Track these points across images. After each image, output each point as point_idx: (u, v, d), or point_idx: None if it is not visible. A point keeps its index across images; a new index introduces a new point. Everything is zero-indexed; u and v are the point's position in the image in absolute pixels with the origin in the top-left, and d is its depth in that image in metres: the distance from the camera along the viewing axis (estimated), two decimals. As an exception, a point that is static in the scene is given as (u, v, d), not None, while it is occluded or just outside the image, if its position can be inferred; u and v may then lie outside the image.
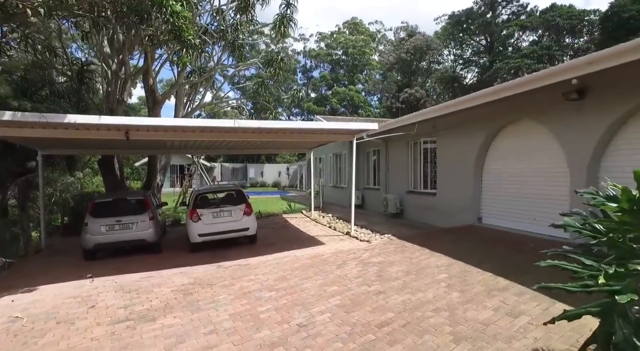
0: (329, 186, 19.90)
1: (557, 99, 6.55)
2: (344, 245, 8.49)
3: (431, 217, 10.75)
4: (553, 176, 7.11)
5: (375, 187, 15.15)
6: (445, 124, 9.99)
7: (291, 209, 15.32)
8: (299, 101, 16.11)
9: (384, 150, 13.97)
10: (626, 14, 24.04)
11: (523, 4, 37.83)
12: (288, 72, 14.42)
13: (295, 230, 11.35)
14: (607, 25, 25.20)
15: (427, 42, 36.05)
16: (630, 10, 23.81)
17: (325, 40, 55.55)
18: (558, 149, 6.90)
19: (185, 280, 6.29)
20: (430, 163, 11.21)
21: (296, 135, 9.21)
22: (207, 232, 8.81)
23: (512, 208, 8.18)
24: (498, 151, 8.63)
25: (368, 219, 12.40)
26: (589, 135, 6.20)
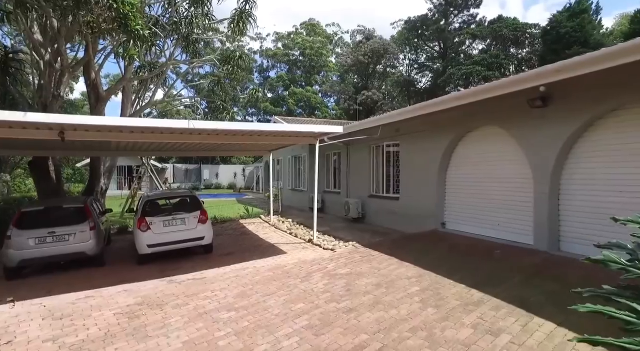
0: (287, 189, 19.41)
1: (522, 106, 6.57)
2: (307, 254, 8.07)
3: (394, 222, 10.61)
4: (517, 182, 7.15)
5: (336, 190, 14.88)
6: (408, 128, 9.89)
7: (249, 214, 14.66)
8: (256, 101, 15.46)
9: (345, 152, 13.73)
10: (562, 30, 25.73)
11: (473, 14, 39.56)
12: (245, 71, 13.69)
13: (254, 237, 10.77)
14: (547, 38, 26.86)
15: (384, 45, 36.58)
16: (566, 26, 25.52)
17: (283, 40, 54.95)
18: (522, 156, 6.94)
19: (131, 299, 5.56)
20: (393, 167, 11.10)
21: (256, 138, 8.67)
22: (158, 242, 8.03)
23: (475, 214, 8.19)
24: (462, 156, 8.63)
25: (329, 224, 12.09)
26: (552, 142, 6.25)
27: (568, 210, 6.27)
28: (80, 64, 10.06)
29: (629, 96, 5.37)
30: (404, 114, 8.64)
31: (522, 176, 6.99)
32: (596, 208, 5.90)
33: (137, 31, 6.08)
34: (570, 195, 6.23)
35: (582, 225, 6.08)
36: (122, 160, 30.38)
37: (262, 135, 8.52)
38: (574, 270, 5.38)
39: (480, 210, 8.05)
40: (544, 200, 6.39)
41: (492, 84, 6.15)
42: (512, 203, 7.26)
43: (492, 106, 7.15)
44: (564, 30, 24.85)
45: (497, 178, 7.64)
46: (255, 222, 13.46)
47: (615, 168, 5.71)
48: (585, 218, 6.04)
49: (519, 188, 7.10)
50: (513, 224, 7.23)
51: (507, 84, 5.85)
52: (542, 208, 6.42)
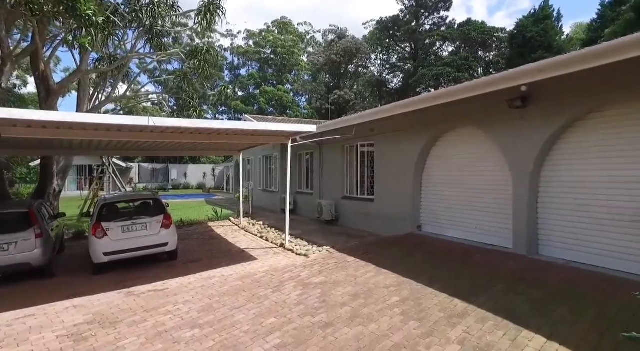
0: (258, 190, 18.84)
1: (501, 106, 6.42)
2: (279, 261, 7.64)
3: (369, 224, 10.35)
4: (495, 184, 7.01)
5: (309, 191, 14.50)
6: (384, 128, 9.64)
7: (218, 216, 14.03)
8: (226, 99, 14.80)
9: (318, 152, 13.37)
10: (529, 34, 26.51)
11: (443, 17, 40.28)
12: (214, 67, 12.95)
13: (223, 241, 10.21)
14: (514, 42, 27.64)
15: (356, 45, 36.55)
16: (531, 31, 26.31)
17: (254, 38, 54.01)
18: (500, 157, 6.80)
19: (80, 317, 4.95)
20: (368, 168, 10.83)
21: (225, 137, 8.15)
22: (115, 250, 7.37)
23: (453, 217, 8.02)
24: (438, 157, 8.45)
25: (302, 227, 11.68)
26: (531, 143, 6.13)
27: (546, 213, 6.16)
28: (26, 53, 9.14)
29: (607, 97, 5.29)
30: (380, 114, 8.36)
31: (501, 178, 6.86)
32: (574, 212, 5.81)
33: (89, 17, 5.45)
34: (549, 198, 6.13)
35: (560, 229, 5.98)
36: (82, 159, 28.71)
37: (231, 134, 8.01)
38: (555, 275, 5.24)
39: (458, 212, 7.89)
40: (523, 203, 6.26)
41: (473, 83, 5.95)
42: (490, 206, 7.13)
43: (470, 106, 6.98)
44: (529, 35, 25.61)
45: (474, 180, 7.50)
46: (225, 225, 12.86)
47: (593, 170, 5.64)
48: (563, 222, 5.94)
49: (497, 191, 6.96)
50: (491, 227, 7.10)
51: (489, 82, 5.65)
52: (521, 211, 6.29)
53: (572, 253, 5.80)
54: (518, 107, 6.16)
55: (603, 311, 4.05)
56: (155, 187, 36.75)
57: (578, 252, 5.73)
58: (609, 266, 5.32)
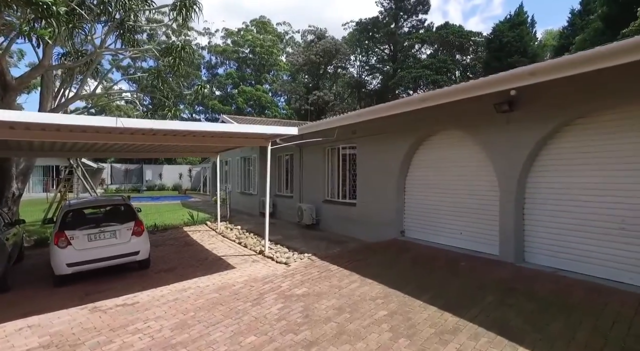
0: (236, 192, 18.33)
1: (488, 110, 6.28)
2: (259, 270, 7.27)
3: (351, 229, 10.10)
4: (481, 190, 6.87)
5: (288, 194, 14.14)
6: (366, 130, 9.42)
7: (194, 220, 13.48)
8: (203, 98, 14.19)
9: (298, 155, 13.05)
10: (505, 39, 26.99)
11: (421, 19, 40.63)
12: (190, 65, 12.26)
13: (199, 248, 9.73)
14: (491, 46, 28.09)
15: (336, 45, 36.37)
16: (507, 36, 26.81)
17: (232, 36, 53.13)
18: (487, 161, 6.67)
19: (35, 340, 4.46)
20: (350, 171, 10.59)
21: (201, 139, 7.72)
22: (80, 261, 6.82)
23: (437, 222, 7.86)
24: (423, 161, 8.28)
25: (282, 231, 11.33)
26: (518, 148, 6.01)
27: (533, 219, 6.05)
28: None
29: (596, 103, 5.21)
30: (364, 115, 8.12)
31: (487, 183, 6.73)
32: (561, 218, 5.72)
33: (47, 6, 4.95)
34: (536, 204, 6.02)
35: (547, 236, 5.88)
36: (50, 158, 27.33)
37: (207, 136, 7.59)
38: (545, 285, 5.11)
39: (442, 218, 7.73)
40: (510, 209, 6.13)
41: (462, 86, 5.77)
42: (476, 212, 6.99)
43: (455, 109, 6.82)
44: (506, 40, 26.06)
45: (460, 185, 7.35)
46: (201, 230, 12.35)
47: (579, 176, 5.56)
48: (550, 229, 5.84)
49: (483, 196, 6.83)
50: (477, 233, 6.96)
51: (479, 85, 5.47)
52: (508, 217, 6.17)
53: (559, 260, 5.70)
54: (505, 111, 6.03)
55: (597, 325, 3.90)
56: (128, 188, 35.50)
57: (565, 259, 5.64)
58: (596, 275, 5.24)
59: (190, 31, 56.67)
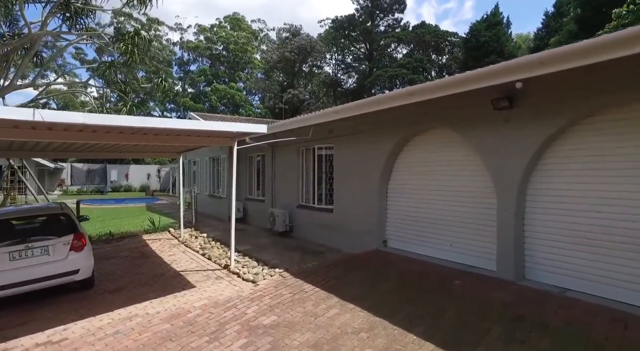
0: (204, 195, 17.13)
1: (483, 106, 5.54)
2: (222, 290, 6.28)
3: (328, 238, 9.22)
4: (475, 197, 6.13)
5: (260, 197, 13.13)
6: (345, 129, 8.56)
7: (155, 227, 12.24)
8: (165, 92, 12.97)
9: (270, 155, 12.06)
10: (482, 38, 26.93)
11: (397, 18, 40.40)
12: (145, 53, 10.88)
13: (157, 261, 8.59)
14: (468, 46, 27.99)
15: (311, 43, 35.49)
16: (485, 35, 26.75)
17: (205, 33, 51.49)
18: (481, 165, 5.93)
19: None
20: (326, 174, 9.70)
21: (157, 138, 6.65)
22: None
23: (423, 232, 7.08)
24: (407, 163, 7.49)
25: (252, 240, 10.32)
26: (518, 150, 5.28)
27: (535, 231, 5.35)
28: None
29: (606, 99, 4.53)
30: (343, 112, 7.25)
31: (482, 189, 5.99)
32: (564, 230, 5.03)
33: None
34: (538, 214, 5.32)
35: (550, 250, 5.19)
36: None
37: (162, 134, 6.52)
38: (556, 312, 4.35)
39: (429, 227, 6.97)
40: (509, 219, 5.41)
41: (459, 78, 4.97)
42: (468, 221, 6.24)
43: (445, 105, 6.07)
44: (483, 39, 25.96)
45: (449, 191, 6.59)
46: (162, 238, 11.16)
47: (586, 183, 4.88)
48: (554, 242, 5.15)
49: (477, 203, 6.09)
50: (470, 246, 6.21)
51: (479, 77, 4.69)
52: (507, 229, 5.44)
53: (566, 279, 5.01)
54: (503, 108, 5.30)
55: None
56: (91, 189, 33.34)
57: (573, 278, 4.95)
58: (613, 297, 4.54)
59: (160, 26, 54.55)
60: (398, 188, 7.69)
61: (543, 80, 4.43)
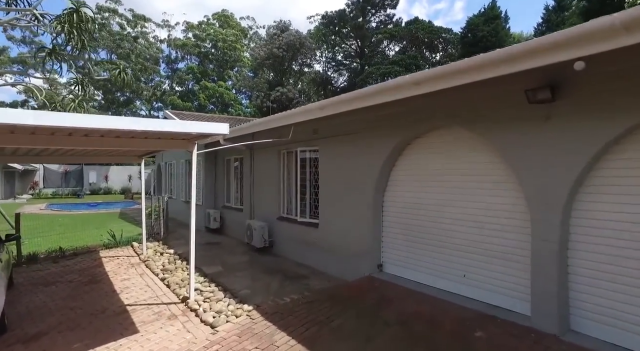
0: (180, 201, 15.59)
1: (514, 99, 4.16)
2: (169, 340, 4.80)
3: (312, 258, 7.79)
4: (500, 216, 4.74)
5: (238, 206, 11.64)
6: (332, 129, 7.15)
7: (116, 241, 10.68)
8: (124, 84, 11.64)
9: (249, 158, 10.59)
10: (480, 33, 25.73)
11: (390, 14, 39.10)
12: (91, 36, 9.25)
13: (105, 289, 7.07)
14: (465, 41, 26.80)
15: (300, 39, 33.96)
16: (483, 30, 25.56)
17: (193, 30, 50.06)
18: (509, 177, 4.55)
19: None
20: (311, 181, 8.26)
21: (86, 140, 5.15)
22: None
23: (429, 257, 5.68)
24: (409, 171, 6.08)
25: (224, 258, 8.84)
26: (564, 159, 3.90)
27: (583, 267, 3.97)
28: None
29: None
30: (329, 108, 5.84)
31: (509, 209, 4.61)
32: (631, 269, 3.66)
33: None
34: (589, 243, 3.94)
35: (601, 293, 3.81)
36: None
37: (93, 135, 5.03)
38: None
39: (437, 251, 5.57)
40: (549, 249, 4.02)
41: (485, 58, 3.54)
42: (489, 247, 4.85)
43: (462, 98, 4.67)
44: (481, 34, 24.75)
45: (463, 207, 5.19)
46: (122, 255, 9.61)
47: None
48: (609, 283, 3.77)
49: (502, 226, 4.70)
50: (492, 279, 4.83)
51: (515, 55, 3.28)
52: (546, 262, 4.05)
53: (628, 335, 3.64)
54: (542, 101, 3.91)
55: None
56: (67, 192, 31.51)
57: (634, 333, 3.58)
58: None
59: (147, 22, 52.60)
60: (397, 200, 6.28)
61: (615, 58, 3.05)
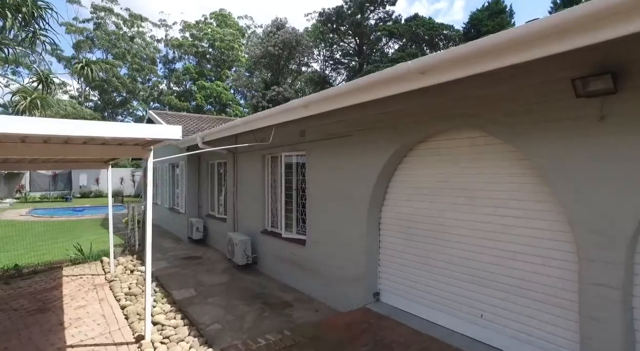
0: (165, 207, 14.51)
1: (553, 92, 3.09)
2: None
3: (299, 280, 6.72)
4: (531, 246, 3.64)
5: (222, 216, 10.58)
6: (321, 131, 6.09)
7: (84, 255, 9.58)
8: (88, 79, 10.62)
9: (232, 163, 9.52)
10: (484, 28, 24.69)
11: (389, 11, 38.01)
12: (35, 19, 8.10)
13: (51, 321, 5.99)
14: (469, 37, 25.75)
15: (296, 37, 32.81)
16: (487, 24, 24.52)
17: (190, 29, 49.28)
18: (546, 195, 3.47)
19: None
20: (297, 191, 7.19)
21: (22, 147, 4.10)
22: None
23: (435, 288, 4.61)
24: (411, 183, 5.00)
25: (201, 277, 7.77)
26: (631, 172, 2.82)
27: (653, 321, 2.91)
28: None
29: None
30: (315, 106, 4.76)
31: (545, 235, 3.53)
32: None
33: None
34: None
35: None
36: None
37: (35, 142, 3.97)
38: None
39: (446, 282, 4.50)
40: (609, 298, 2.95)
41: (520, 31, 2.49)
42: (515, 282, 3.77)
43: (480, 92, 3.61)
44: (485, 29, 23.70)
45: (481, 230, 4.11)
46: (87, 274, 8.53)
47: None
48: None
49: (534, 257, 3.61)
50: (520, 325, 3.74)
51: (575, 23, 2.22)
52: (601, 314, 2.98)
53: None
54: (596, 94, 2.84)
55: None
56: (55, 196, 30.42)
57: None
58: None
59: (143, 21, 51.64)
60: (397, 217, 5.20)
61: None
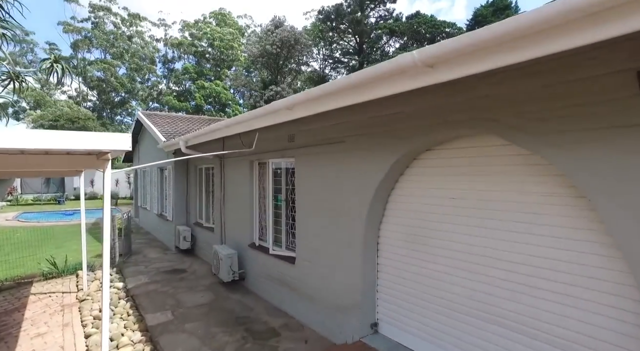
0: (153, 214, 13.79)
1: (601, 91, 2.34)
2: None
3: (289, 303, 5.97)
4: (574, 285, 2.88)
5: (210, 225, 9.84)
6: (311, 136, 5.34)
7: (58, 270, 8.85)
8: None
9: (219, 169, 8.78)
10: (488, 25, 23.97)
11: (389, 9, 37.32)
12: None
13: (3, 352, 5.27)
14: (471, 34, 25.07)
15: (295, 35, 32.06)
16: (491, 21, 23.74)
17: (190, 29, 48.74)
18: (589, 222, 2.72)
19: None
20: (287, 202, 6.43)
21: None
22: None
23: (444, 324, 3.85)
24: (414, 198, 4.24)
25: (182, 296, 7.02)
26: None
27: None
28: None
29: None
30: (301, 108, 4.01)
31: (589, 272, 2.77)
32: None
33: None
34: None
35: None
36: None
37: None
38: None
39: (456, 318, 3.74)
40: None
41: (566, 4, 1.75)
42: (548, 329, 3.00)
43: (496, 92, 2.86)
44: (489, 26, 22.94)
45: (505, 260, 3.34)
46: (57, 291, 7.79)
47: None
48: None
49: (577, 300, 2.86)
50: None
51: None
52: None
53: None
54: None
55: None
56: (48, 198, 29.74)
57: None
58: None
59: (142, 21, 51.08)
60: (398, 237, 4.45)
61: None
